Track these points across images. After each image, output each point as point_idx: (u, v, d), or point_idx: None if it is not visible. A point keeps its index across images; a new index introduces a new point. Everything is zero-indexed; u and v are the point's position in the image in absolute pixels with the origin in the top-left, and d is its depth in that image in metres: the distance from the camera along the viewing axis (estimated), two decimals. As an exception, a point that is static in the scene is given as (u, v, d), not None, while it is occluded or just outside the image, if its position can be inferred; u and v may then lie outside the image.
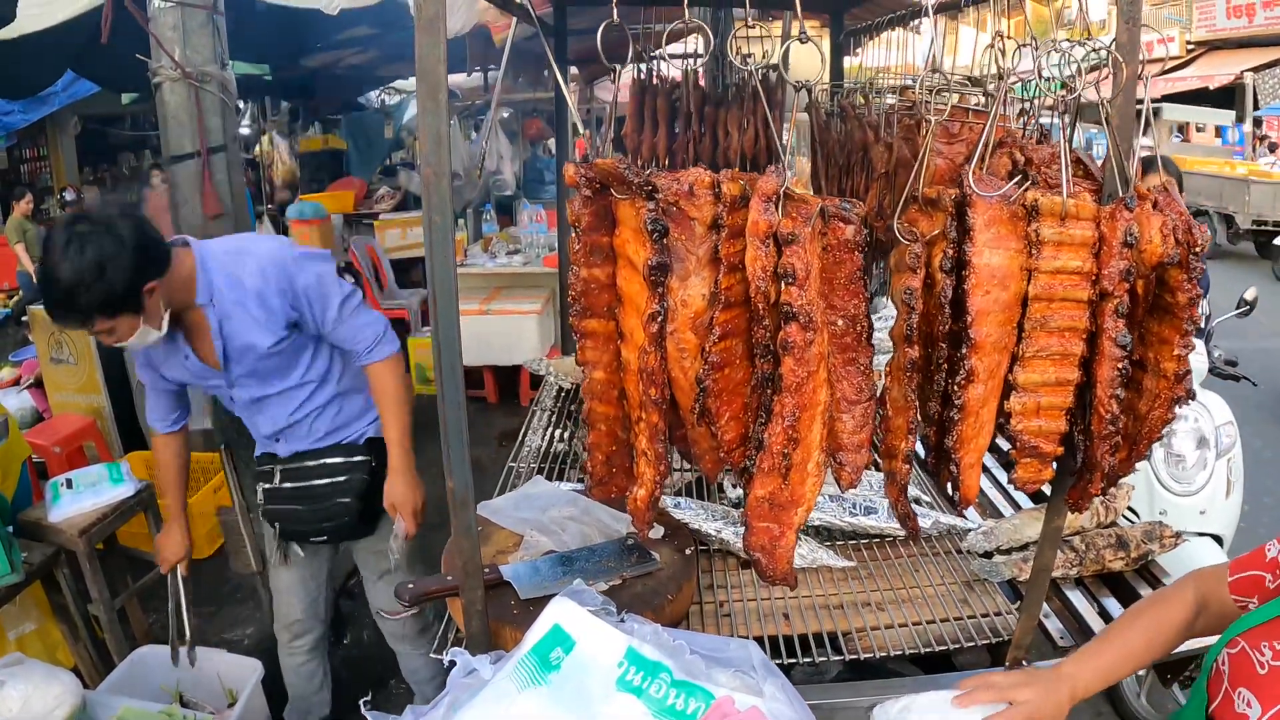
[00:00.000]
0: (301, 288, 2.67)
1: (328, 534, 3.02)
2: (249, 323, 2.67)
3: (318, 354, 2.89)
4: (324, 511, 2.94)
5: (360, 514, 2.97)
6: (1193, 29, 23.48)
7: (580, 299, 1.61)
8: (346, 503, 2.94)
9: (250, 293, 2.63)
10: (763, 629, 2.25)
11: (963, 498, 1.67)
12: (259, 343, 2.70)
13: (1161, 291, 1.64)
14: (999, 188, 1.55)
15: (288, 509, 2.99)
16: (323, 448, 2.97)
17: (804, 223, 1.47)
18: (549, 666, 1.54)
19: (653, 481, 1.61)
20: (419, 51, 1.60)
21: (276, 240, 2.74)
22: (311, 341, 2.85)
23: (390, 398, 2.87)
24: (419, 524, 2.94)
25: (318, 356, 2.89)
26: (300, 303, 2.69)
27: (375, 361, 2.84)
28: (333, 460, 2.95)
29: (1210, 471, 3.80)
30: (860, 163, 2.94)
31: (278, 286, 2.65)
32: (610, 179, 1.53)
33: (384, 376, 2.85)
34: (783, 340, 1.46)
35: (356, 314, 2.79)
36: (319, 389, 2.91)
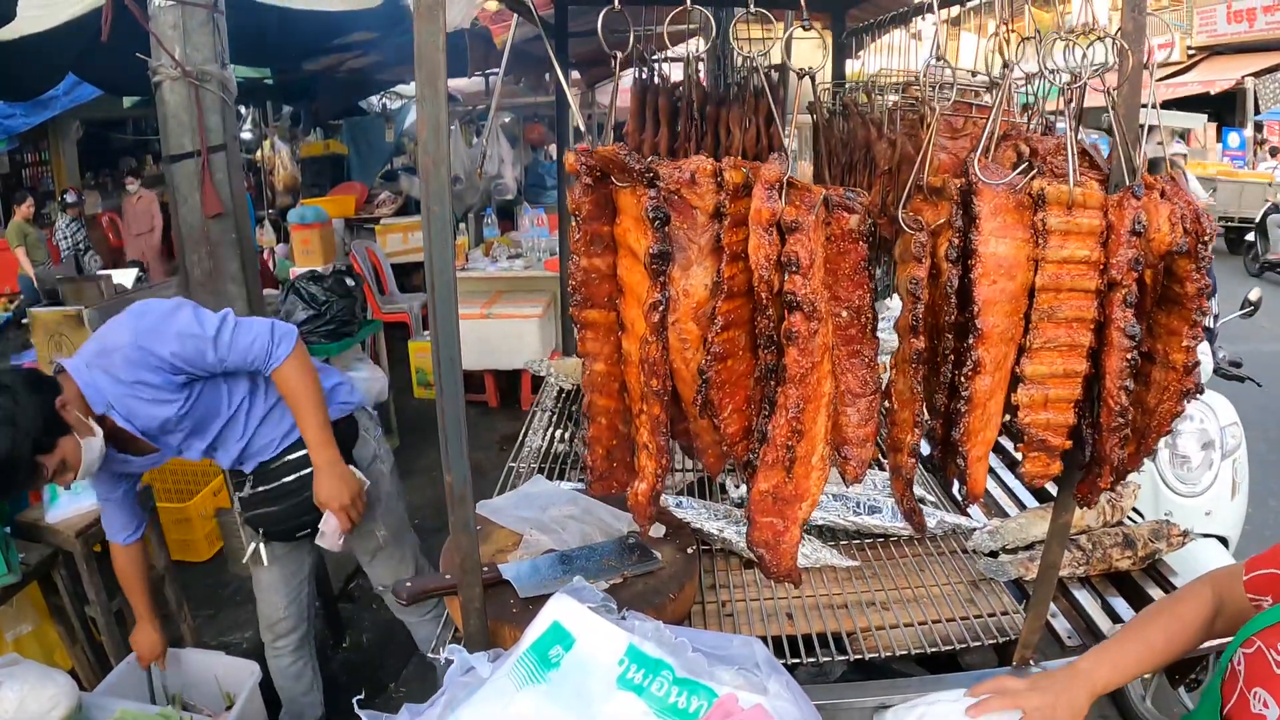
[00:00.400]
0: (169, 354, 2.63)
1: (311, 526, 3.00)
2: (147, 406, 2.67)
3: (233, 384, 2.87)
4: (301, 505, 2.95)
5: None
6: (1193, 34, 23.48)
7: (580, 289, 1.59)
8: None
9: (130, 384, 2.62)
10: (765, 629, 2.22)
11: (969, 492, 1.65)
12: (167, 415, 2.71)
13: (1169, 282, 1.62)
14: (1004, 176, 1.53)
15: (266, 512, 3.02)
16: (282, 450, 2.99)
17: (807, 210, 1.45)
18: (548, 664, 1.51)
19: (654, 475, 1.59)
20: (418, 39, 1.58)
21: (127, 318, 2.66)
22: (220, 378, 2.83)
23: (299, 398, 2.82)
24: (358, 514, 2.95)
25: (234, 387, 2.87)
26: (178, 364, 2.66)
27: (275, 368, 2.79)
28: (294, 456, 2.97)
29: (1215, 473, 3.78)
30: (863, 160, 2.92)
31: (148, 366, 2.62)
32: (611, 167, 1.51)
33: (287, 380, 2.81)
34: (786, 330, 1.44)
35: (235, 338, 2.72)
36: (252, 408, 2.91)
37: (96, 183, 14.52)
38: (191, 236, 4.11)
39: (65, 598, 3.63)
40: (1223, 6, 22.31)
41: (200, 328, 2.66)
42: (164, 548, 3.98)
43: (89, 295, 5.88)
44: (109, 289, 6.07)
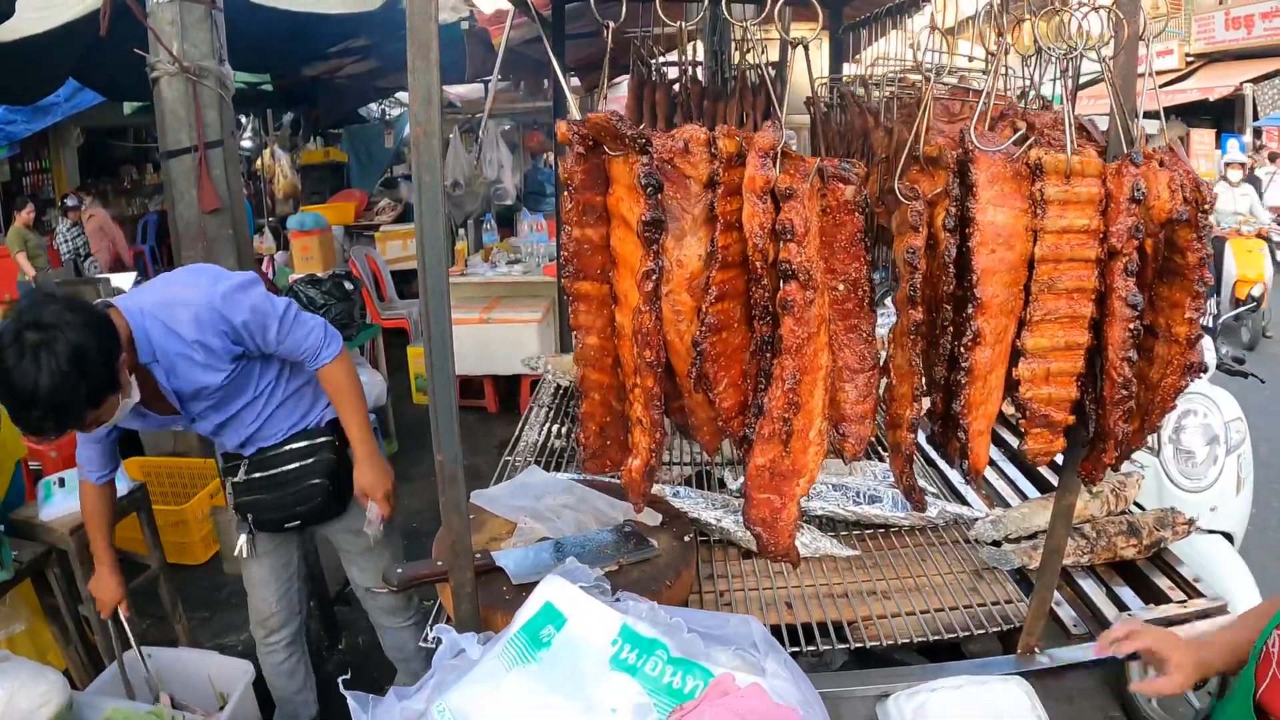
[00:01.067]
0: (240, 324, 2.63)
1: (301, 518, 2.98)
2: (195, 369, 2.64)
3: (265, 367, 2.87)
4: (295, 496, 2.92)
5: (332, 493, 2.96)
6: (1191, 41, 23.49)
7: (573, 260, 1.56)
8: (317, 483, 2.93)
9: (189, 343, 2.59)
10: (764, 618, 2.17)
11: (971, 467, 1.61)
12: (210, 383, 2.68)
13: (1170, 253, 1.59)
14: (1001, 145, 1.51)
15: (258, 499, 2.96)
16: (286, 439, 2.96)
17: (802, 178, 1.42)
18: (539, 644, 1.47)
19: (648, 451, 1.56)
20: (410, 8, 1.56)
21: (202, 278, 2.66)
22: (258, 359, 2.83)
23: (344, 394, 2.88)
24: (393, 506, 2.96)
25: (266, 369, 2.87)
26: (241, 336, 2.66)
27: (324, 365, 2.83)
28: (296, 446, 2.94)
29: (1220, 468, 3.74)
30: (860, 150, 2.89)
31: (215, 330, 2.61)
32: (603, 134, 1.48)
33: (334, 376, 2.86)
34: (782, 299, 1.41)
35: (295, 327, 2.76)
36: (273, 394, 2.90)
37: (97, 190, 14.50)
38: (189, 232, 4.10)
39: (59, 596, 3.59)
40: (1220, 13, 22.32)
41: (271, 306, 2.69)
42: (159, 549, 3.94)
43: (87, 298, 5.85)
44: (107, 292, 6.05)
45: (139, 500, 3.78)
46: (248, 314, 2.63)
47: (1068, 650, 2.16)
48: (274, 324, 2.69)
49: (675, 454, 3.14)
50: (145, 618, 4.12)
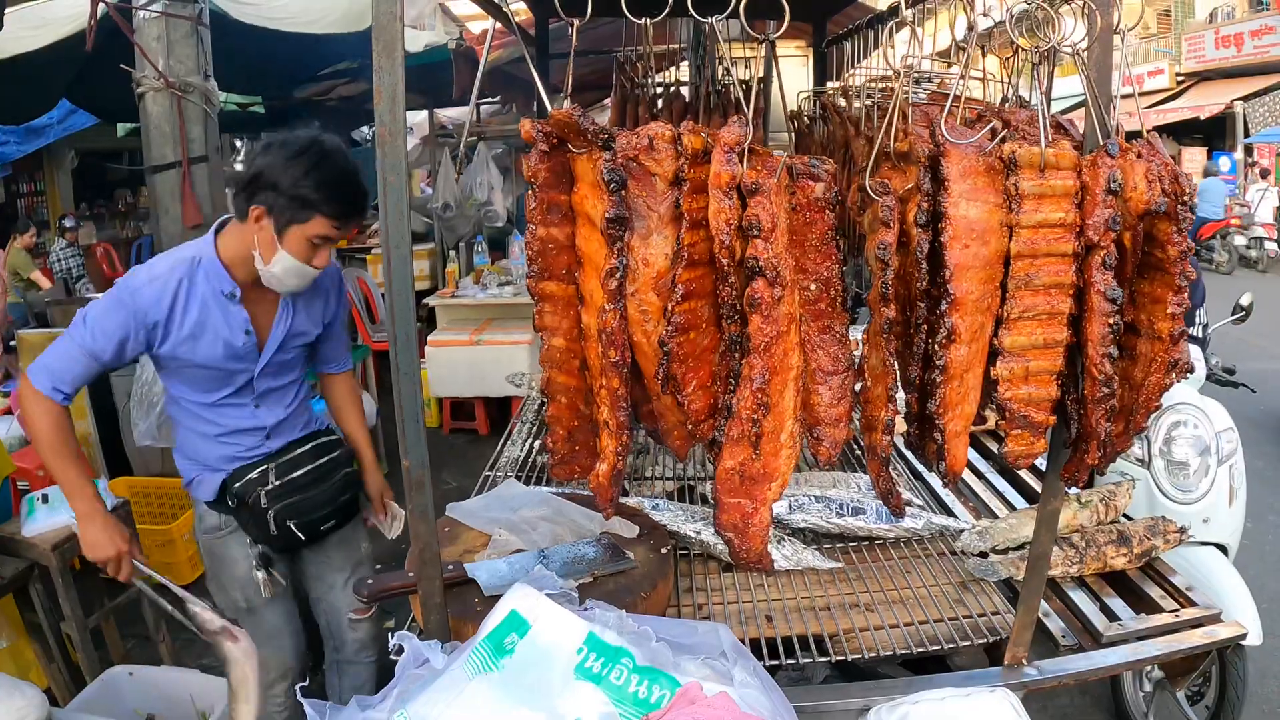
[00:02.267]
0: (343, 293, 2.83)
1: (340, 512, 2.88)
2: (313, 311, 2.72)
3: (304, 360, 2.92)
4: (332, 488, 2.83)
5: (360, 484, 2.99)
6: (1182, 60, 23.64)
7: (537, 259, 1.52)
8: (349, 472, 2.90)
9: (328, 282, 2.73)
10: (744, 631, 2.11)
11: (949, 469, 1.57)
12: (309, 332, 2.73)
13: (1150, 248, 1.56)
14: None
15: (300, 499, 2.76)
16: (306, 435, 2.89)
17: (769, 174, 1.39)
18: (503, 652, 1.43)
19: (614, 455, 1.52)
20: (375, 10, 1.53)
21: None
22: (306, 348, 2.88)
23: (355, 403, 3.05)
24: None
25: (304, 359, 2.91)
26: (338, 306, 2.82)
27: (347, 370, 2.98)
28: (318, 441, 2.88)
29: (1212, 479, 3.69)
30: (842, 160, 2.88)
31: (338, 286, 2.79)
32: (567, 131, 1.45)
33: (352, 387, 3.01)
34: (749, 297, 1.38)
35: (343, 329, 2.93)
36: (302, 386, 2.91)
37: (91, 213, 14.51)
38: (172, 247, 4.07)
39: (41, 613, 3.54)
40: (1210, 32, 22.48)
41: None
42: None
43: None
44: (96, 312, 6.03)
45: (123, 518, 3.72)
46: (343, 291, 2.85)
47: (1056, 661, 2.11)
48: (344, 314, 2.86)
49: (658, 469, 3.10)
50: (129, 638, 4.07)
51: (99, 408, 5.58)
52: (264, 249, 2.40)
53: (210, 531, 2.76)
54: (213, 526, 2.75)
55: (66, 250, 11.36)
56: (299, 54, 6.95)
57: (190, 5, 4.09)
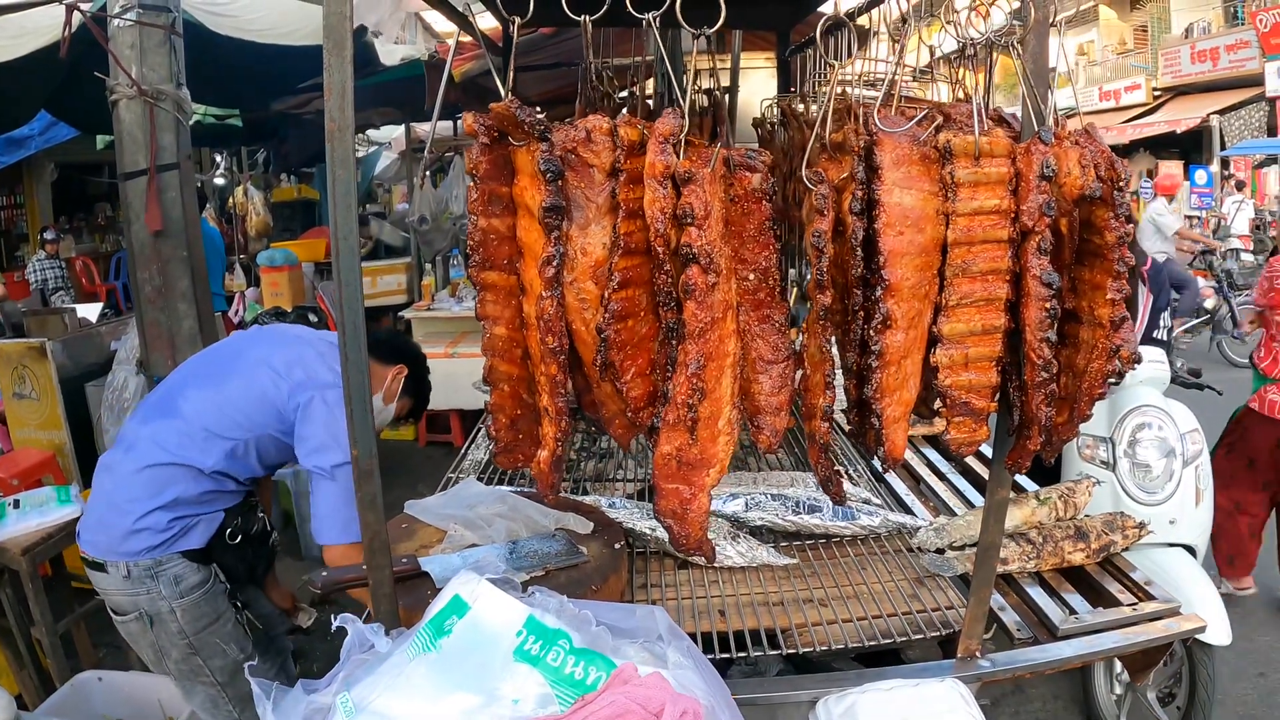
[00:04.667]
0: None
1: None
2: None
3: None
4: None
5: None
6: (1159, 75, 23.90)
7: (479, 249, 1.54)
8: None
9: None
10: (696, 625, 2.13)
11: (888, 454, 1.59)
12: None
13: (1088, 234, 1.58)
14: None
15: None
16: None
17: (703, 164, 1.41)
18: (442, 633, 1.44)
19: (555, 440, 1.53)
20: (326, 9, 1.56)
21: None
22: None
23: None
24: None
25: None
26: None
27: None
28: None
29: (1178, 480, 3.73)
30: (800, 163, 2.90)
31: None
32: (506, 124, 1.47)
33: None
34: (684, 284, 1.40)
35: None
36: None
37: (71, 226, 14.47)
38: (142, 254, 4.07)
39: (10, 618, 3.53)
40: (1186, 47, 22.75)
41: None
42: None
43: (53, 328, 5.83)
44: (73, 322, 6.02)
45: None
46: None
47: (1009, 654, 2.12)
48: None
49: (621, 472, 3.13)
50: (100, 645, 4.06)
51: (73, 417, 5.57)
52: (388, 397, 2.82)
53: (192, 591, 2.61)
54: (197, 584, 2.62)
55: (46, 262, 11.34)
56: (276, 67, 6.96)
57: (164, 14, 4.09)
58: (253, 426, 2.55)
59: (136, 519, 2.49)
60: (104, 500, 2.58)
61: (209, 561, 2.65)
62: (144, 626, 2.58)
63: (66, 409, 5.60)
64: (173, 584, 2.55)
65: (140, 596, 2.53)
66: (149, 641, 2.61)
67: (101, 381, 5.45)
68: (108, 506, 2.55)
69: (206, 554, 2.63)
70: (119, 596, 2.56)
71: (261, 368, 2.58)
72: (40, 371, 5.46)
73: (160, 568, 2.53)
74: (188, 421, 2.56)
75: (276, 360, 2.59)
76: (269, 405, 2.53)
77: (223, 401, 2.57)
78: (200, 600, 2.60)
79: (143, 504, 2.50)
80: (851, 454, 3.23)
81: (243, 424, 2.55)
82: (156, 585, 2.52)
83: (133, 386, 4.79)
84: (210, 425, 2.54)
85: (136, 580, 2.51)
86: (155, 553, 2.51)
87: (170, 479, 2.52)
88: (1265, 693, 4.04)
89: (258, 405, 2.54)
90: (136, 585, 2.52)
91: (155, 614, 2.55)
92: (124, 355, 4.93)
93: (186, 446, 2.53)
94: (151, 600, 2.53)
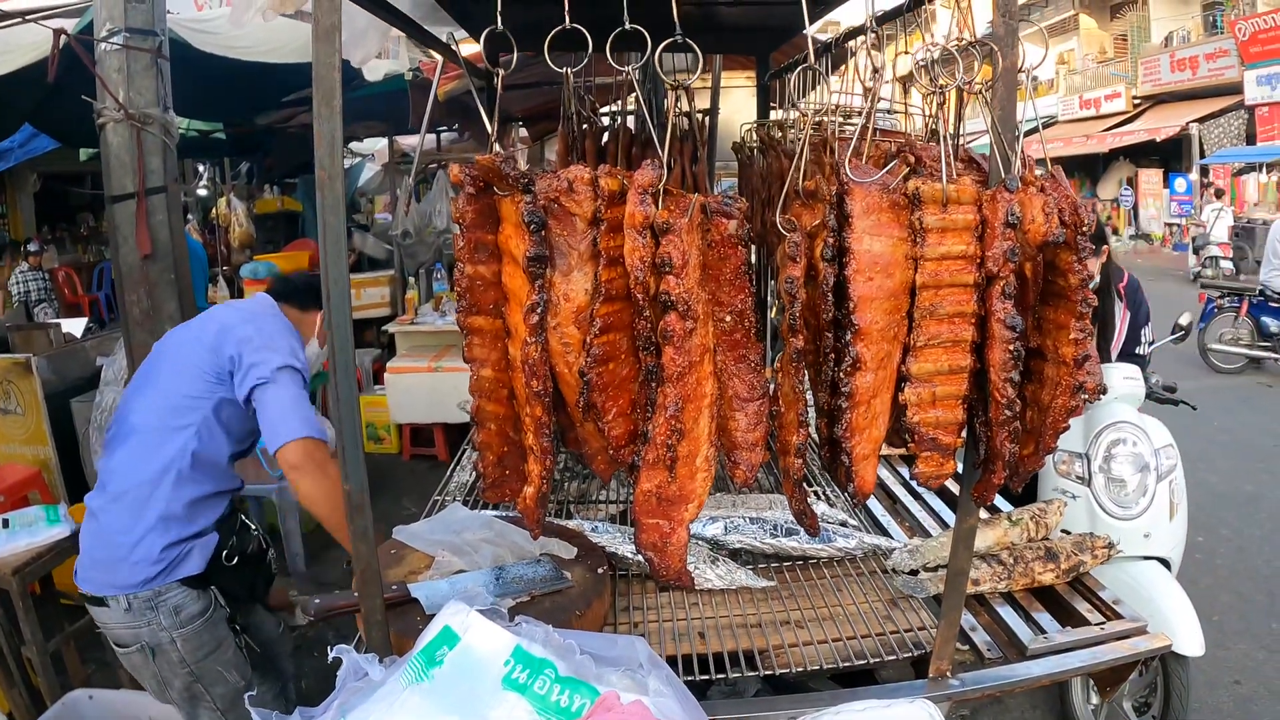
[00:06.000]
0: None
1: None
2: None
3: None
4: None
5: None
6: (1138, 84, 24.16)
7: (466, 295, 1.60)
8: None
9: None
10: (677, 648, 2.19)
11: (858, 490, 1.66)
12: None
13: (1052, 276, 1.65)
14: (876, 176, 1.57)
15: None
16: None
17: (680, 214, 1.48)
18: (434, 663, 1.50)
19: (540, 478, 1.60)
20: (315, 59, 1.62)
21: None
22: None
23: None
24: None
25: None
26: None
27: None
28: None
29: (1152, 495, 3.79)
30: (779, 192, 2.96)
31: None
32: (491, 176, 1.54)
33: None
34: (662, 330, 1.46)
35: None
36: None
37: (53, 236, 14.44)
38: (130, 277, 4.10)
39: (1, 638, 3.56)
40: (1166, 56, 23.02)
41: None
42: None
43: (38, 343, 5.84)
44: (58, 337, 6.03)
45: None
46: None
47: (979, 674, 2.18)
48: None
49: (604, 494, 3.18)
50: (89, 662, 4.09)
51: (58, 433, 5.58)
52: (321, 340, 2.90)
53: (193, 620, 2.65)
54: (197, 613, 2.66)
55: (29, 274, 11.30)
56: (260, 82, 7.01)
57: (151, 38, 4.13)
58: (199, 402, 2.61)
59: (130, 549, 2.53)
60: (94, 539, 2.61)
61: (208, 586, 2.68)
62: (146, 658, 2.62)
63: (51, 425, 5.62)
64: (173, 614, 2.58)
65: (141, 629, 2.57)
66: (151, 673, 2.65)
67: (86, 397, 5.48)
68: (99, 544, 2.59)
69: (205, 579, 2.66)
70: (120, 630, 2.60)
71: (182, 346, 2.71)
72: (25, 387, 5.48)
73: (160, 598, 2.56)
74: (142, 434, 2.62)
75: (190, 334, 2.74)
76: (202, 372, 2.62)
77: (162, 394, 2.64)
78: (201, 629, 2.64)
79: (131, 533, 2.54)
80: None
81: (189, 405, 2.61)
82: (157, 616, 2.56)
83: (121, 407, 4.82)
84: (162, 422, 2.60)
85: (137, 613, 2.55)
86: (154, 583, 2.55)
87: (147, 497, 2.56)
88: (1241, 700, 4.14)
89: (193, 378, 2.62)
90: (137, 617, 2.56)
91: (156, 645, 2.59)
92: (111, 376, 4.95)
93: (149, 457, 2.58)
94: (152, 632, 2.57)
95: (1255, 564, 5.53)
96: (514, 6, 2.68)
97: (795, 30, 3.81)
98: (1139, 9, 25.50)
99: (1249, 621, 4.83)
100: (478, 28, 3.40)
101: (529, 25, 1.93)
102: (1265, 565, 5.51)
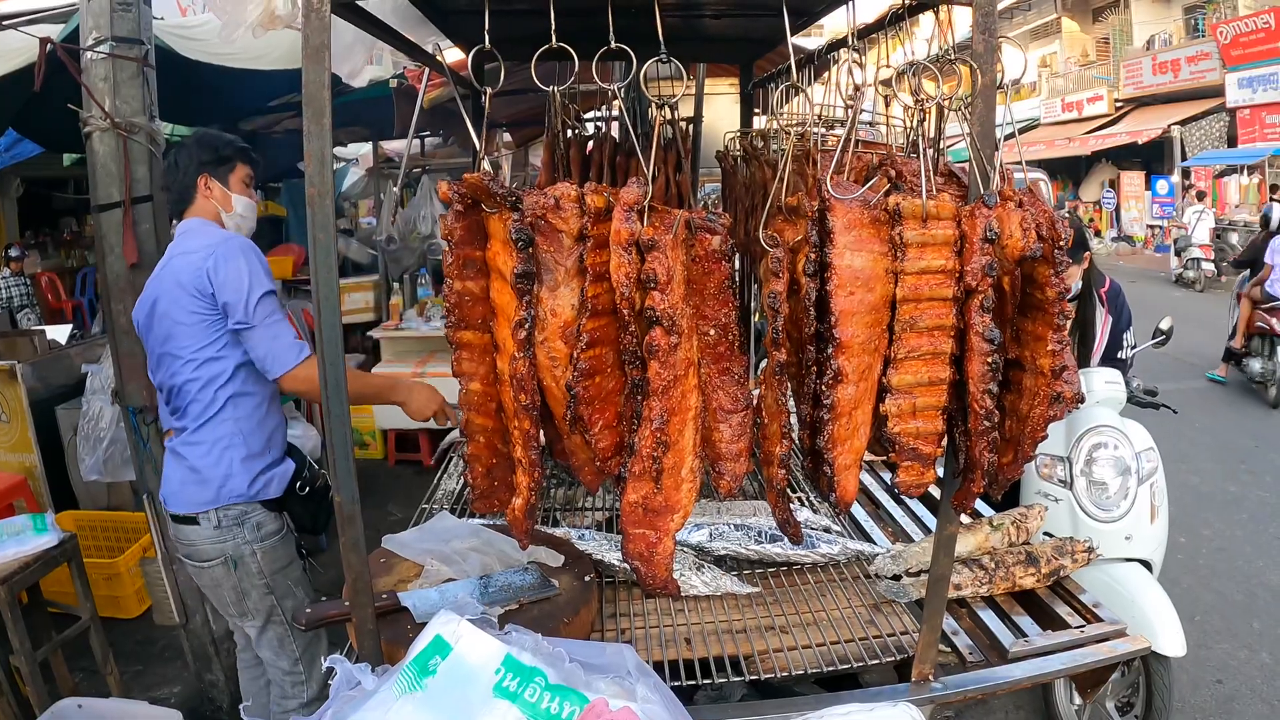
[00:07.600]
0: None
1: None
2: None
3: None
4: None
5: None
6: (1120, 87, 24.34)
7: (454, 310, 1.63)
8: None
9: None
10: (663, 654, 2.22)
11: (840, 500, 1.69)
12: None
13: (1030, 289, 1.69)
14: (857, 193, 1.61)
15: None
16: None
17: (665, 230, 1.51)
18: (426, 673, 1.53)
19: (528, 490, 1.62)
20: (305, 78, 1.65)
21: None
22: None
23: None
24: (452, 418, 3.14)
25: None
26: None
27: None
28: None
29: (1133, 498, 3.84)
30: (762, 202, 2.99)
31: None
32: (479, 193, 1.56)
33: None
34: (648, 345, 1.49)
35: None
36: None
37: (37, 241, 14.34)
38: (117, 285, 4.10)
39: (-12, 648, 3.56)
40: (1148, 59, 23.20)
41: None
42: (91, 601, 3.92)
43: (23, 350, 5.82)
44: (43, 344, 6.01)
45: (70, 551, 3.78)
46: None
47: (960, 677, 2.22)
48: None
49: (591, 500, 3.21)
50: (77, 670, 4.09)
51: (43, 440, 5.58)
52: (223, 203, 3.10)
53: (271, 536, 2.96)
54: (274, 530, 2.97)
55: (11, 279, 11.24)
56: (245, 88, 6.99)
57: (137, 47, 4.13)
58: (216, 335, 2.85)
59: (223, 479, 2.86)
60: (185, 471, 2.88)
61: (282, 510, 2.99)
62: (228, 570, 2.91)
63: (37, 432, 5.61)
64: (255, 530, 2.91)
65: (227, 543, 2.88)
66: (232, 584, 2.94)
67: (71, 404, 5.47)
68: (190, 476, 2.87)
69: (280, 504, 2.99)
70: (207, 545, 2.89)
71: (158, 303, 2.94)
72: (10, 394, 5.47)
73: (245, 515, 2.89)
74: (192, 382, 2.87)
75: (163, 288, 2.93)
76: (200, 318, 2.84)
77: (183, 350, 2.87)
78: (277, 544, 2.97)
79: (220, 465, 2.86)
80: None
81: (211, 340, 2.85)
82: (242, 531, 2.88)
83: (108, 416, 4.84)
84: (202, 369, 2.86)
85: (225, 528, 2.86)
86: (242, 499, 2.87)
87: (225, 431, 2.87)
88: (1223, 699, 4.20)
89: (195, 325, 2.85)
90: (225, 533, 2.87)
91: (239, 557, 2.90)
92: (98, 385, 4.96)
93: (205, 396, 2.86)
94: (236, 545, 2.88)
95: (1237, 564, 5.60)
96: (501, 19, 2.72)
97: (778, 40, 3.83)
98: (1121, 12, 25.71)
99: (1230, 621, 4.89)
100: (464, 39, 3.43)
101: (515, 38, 1.96)
102: (1246, 565, 5.58)
